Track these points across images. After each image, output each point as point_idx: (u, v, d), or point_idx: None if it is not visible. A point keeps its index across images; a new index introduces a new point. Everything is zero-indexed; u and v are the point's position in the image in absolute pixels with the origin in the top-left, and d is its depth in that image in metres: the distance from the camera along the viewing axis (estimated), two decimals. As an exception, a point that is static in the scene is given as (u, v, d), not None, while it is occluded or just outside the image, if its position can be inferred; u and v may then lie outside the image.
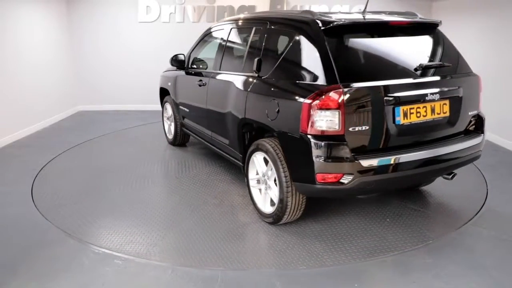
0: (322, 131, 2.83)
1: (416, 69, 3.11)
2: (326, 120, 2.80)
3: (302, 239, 3.23)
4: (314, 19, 3.13)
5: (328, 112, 2.79)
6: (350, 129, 2.82)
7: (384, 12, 3.69)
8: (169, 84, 5.61)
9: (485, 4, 6.27)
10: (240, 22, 4.31)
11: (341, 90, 2.78)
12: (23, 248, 3.12)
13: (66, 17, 7.85)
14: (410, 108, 3.00)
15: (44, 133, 6.61)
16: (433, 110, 3.10)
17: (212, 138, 4.47)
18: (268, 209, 3.45)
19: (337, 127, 2.80)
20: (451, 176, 3.51)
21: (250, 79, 3.63)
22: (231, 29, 4.30)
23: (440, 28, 3.64)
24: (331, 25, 3.01)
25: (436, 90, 3.09)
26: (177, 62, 5.03)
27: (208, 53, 4.76)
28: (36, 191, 4.21)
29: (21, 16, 6.33)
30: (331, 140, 2.82)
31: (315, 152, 2.85)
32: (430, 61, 3.30)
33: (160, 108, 6.26)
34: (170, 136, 5.83)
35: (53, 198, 4.04)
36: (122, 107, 8.34)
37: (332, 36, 3.03)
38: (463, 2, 6.90)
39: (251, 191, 3.67)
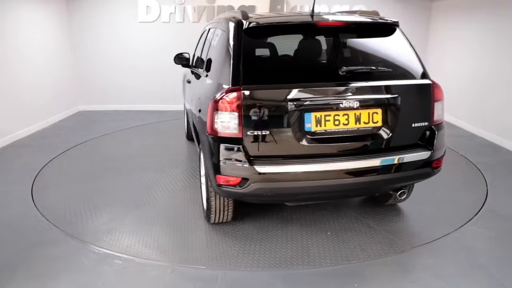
0: (222, 133, 2.77)
1: (339, 74, 2.86)
2: (225, 122, 2.73)
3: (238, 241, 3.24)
4: (237, 20, 3.03)
5: (226, 114, 2.72)
6: (249, 132, 2.71)
7: (341, 13, 3.57)
8: (182, 81, 5.86)
9: (485, 4, 6.27)
10: (211, 23, 4.40)
11: (240, 92, 2.69)
12: (23, 248, 3.12)
13: (66, 17, 7.85)
14: (326, 115, 2.78)
15: (44, 133, 6.61)
16: (358, 119, 2.81)
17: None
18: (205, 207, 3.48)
19: (235, 130, 2.72)
20: (398, 193, 3.24)
21: (202, 79, 3.72)
22: (209, 29, 4.38)
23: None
24: (249, 26, 2.91)
25: (362, 97, 2.82)
26: (179, 59, 5.02)
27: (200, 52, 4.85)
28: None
29: (21, 16, 6.33)
30: (229, 142, 2.74)
31: (215, 153, 2.79)
32: (364, 65, 3.09)
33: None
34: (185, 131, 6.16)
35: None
36: (122, 107, 8.34)
37: (251, 37, 2.94)
38: (463, 2, 6.90)
39: (201, 187, 3.66)
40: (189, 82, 4.93)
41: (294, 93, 2.74)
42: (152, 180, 4.50)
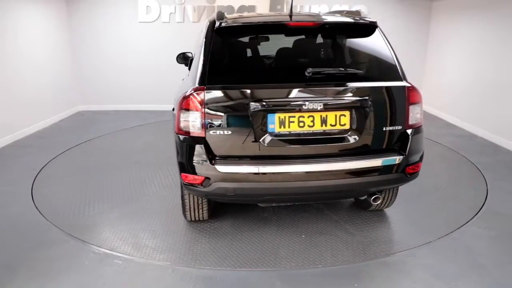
0: (186, 132, 2.78)
1: (306, 75, 2.79)
2: (189, 121, 2.75)
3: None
4: (211, 20, 3.04)
5: (190, 113, 2.74)
6: (212, 132, 2.73)
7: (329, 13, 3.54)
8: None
9: (485, 4, 6.27)
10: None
11: (203, 92, 2.71)
12: (23, 248, 3.12)
13: (66, 17, 7.85)
14: (290, 117, 2.73)
15: (44, 133, 6.61)
16: (324, 121, 2.76)
17: None
18: None
19: (198, 129, 2.74)
20: (372, 198, 3.16)
21: (185, 78, 3.71)
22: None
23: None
24: (220, 26, 2.91)
25: (328, 98, 2.77)
26: (182, 59, 4.96)
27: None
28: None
29: (21, 16, 6.33)
30: (193, 141, 2.75)
31: (180, 152, 2.83)
32: (336, 66, 3.02)
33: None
34: None
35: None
36: (122, 107, 8.34)
37: (222, 37, 2.94)
38: (463, 2, 6.90)
39: None
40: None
41: (258, 94, 2.74)
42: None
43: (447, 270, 2.83)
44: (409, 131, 2.91)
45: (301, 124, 2.75)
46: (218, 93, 2.74)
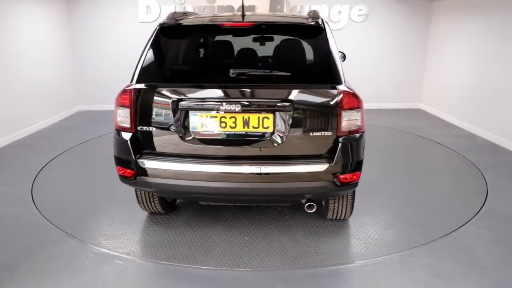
0: (119, 127, 2.93)
1: (231, 75, 2.79)
2: (121, 117, 2.89)
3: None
4: (164, 20, 3.14)
5: (121, 109, 2.88)
6: (139, 128, 2.84)
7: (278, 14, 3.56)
8: None
9: (485, 4, 6.27)
10: None
11: (133, 89, 2.84)
12: (23, 248, 3.12)
13: (66, 17, 7.85)
14: (212, 117, 2.74)
15: (44, 133, 6.61)
16: (246, 123, 2.72)
17: None
18: None
19: (128, 124, 2.86)
20: (306, 206, 3.05)
21: None
22: None
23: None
24: (161, 26, 3.04)
25: (251, 100, 2.74)
26: None
27: None
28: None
29: (21, 16, 6.33)
30: (124, 136, 2.88)
31: (114, 145, 2.98)
32: (267, 67, 2.97)
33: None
34: None
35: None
36: (122, 107, 8.32)
37: (164, 37, 3.05)
38: (463, 2, 6.90)
39: None
40: None
41: (182, 93, 2.80)
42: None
43: (447, 270, 2.83)
44: (341, 138, 2.75)
45: (223, 124, 2.75)
46: (146, 92, 2.85)
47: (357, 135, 2.80)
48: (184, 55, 3.21)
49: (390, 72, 8.29)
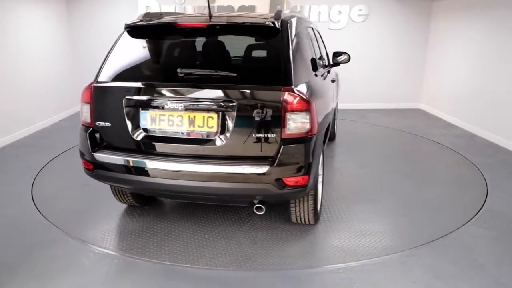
0: (82, 122, 3.11)
1: (178, 75, 2.86)
2: (84, 112, 3.07)
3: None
4: (133, 20, 3.25)
5: (84, 105, 3.06)
6: (97, 123, 3.00)
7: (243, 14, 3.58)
8: None
9: (485, 4, 6.28)
10: None
11: (92, 86, 3.03)
12: (23, 248, 3.12)
13: (66, 17, 7.84)
14: (160, 115, 2.84)
15: (44, 133, 6.61)
16: (192, 122, 2.79)
17: None
18: None
19: (88, 119, 3.03)
20: (254, 207, 3.02)
21: None
22: None
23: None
24: (127, 26, 3.18)
25: (196, 99, 2.78)
26: None
27: None
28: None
29: (21, 16, 6.32)
30: (85, 131, 3.04)
31: (79, 139, 3.10)
32: (220, 67, 2.98)
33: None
34: None
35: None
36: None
37: (131, 36, 3.20)
38: (463, 2, 6.90)
39: None
40: None
41: (133, 91, 2.92)
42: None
43: (447, 270, 2.83)
44: (285, 141, 2.71)
45: (170, 123, 2.85)
46: (102, 89, 3.02)
47: (305, 138, 2.77)
48: (143, 55, 3.30)
49: (390, 72, 8.29)
